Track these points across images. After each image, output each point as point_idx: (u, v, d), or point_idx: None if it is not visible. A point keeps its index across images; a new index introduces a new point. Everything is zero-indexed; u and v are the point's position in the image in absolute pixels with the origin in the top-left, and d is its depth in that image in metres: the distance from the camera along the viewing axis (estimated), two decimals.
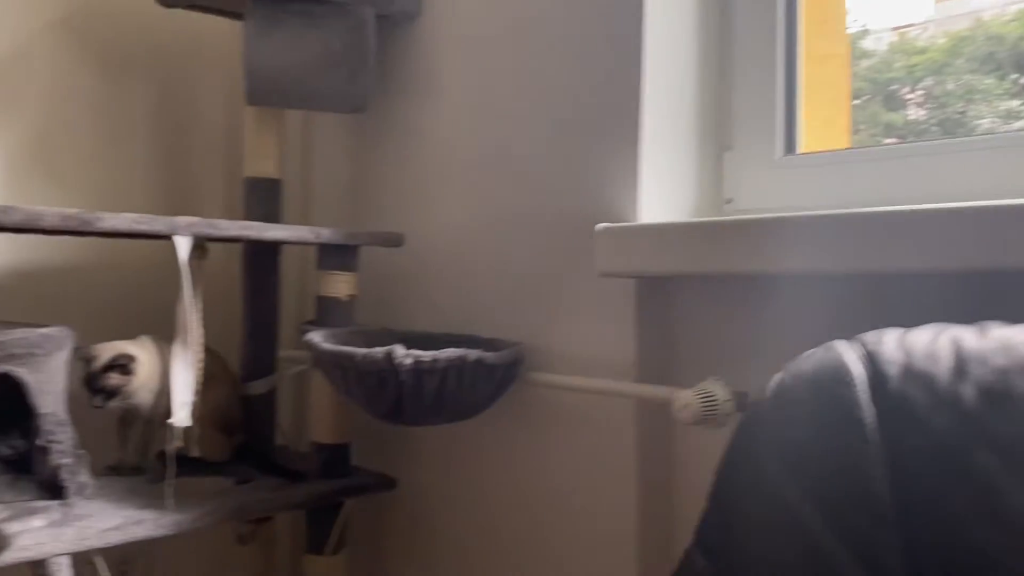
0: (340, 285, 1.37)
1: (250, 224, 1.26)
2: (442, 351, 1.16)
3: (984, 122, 1.18)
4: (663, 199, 1.19)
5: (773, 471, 0.69)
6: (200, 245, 1.23)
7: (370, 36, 1.42)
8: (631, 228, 1.10)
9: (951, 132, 1.21)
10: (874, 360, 0.69)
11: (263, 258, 1.49)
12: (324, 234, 1.32)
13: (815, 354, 0.75)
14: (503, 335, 1.30)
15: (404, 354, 1.14)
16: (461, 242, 1.41)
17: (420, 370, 1.15)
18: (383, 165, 1.57)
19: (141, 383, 1.26)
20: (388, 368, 1.15)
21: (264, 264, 1.49)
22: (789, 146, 1.20)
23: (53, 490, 1.12)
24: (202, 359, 1.22)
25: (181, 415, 1.16)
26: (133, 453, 1.35)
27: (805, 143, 1.20)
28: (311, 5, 1.40)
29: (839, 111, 1.28)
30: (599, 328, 1.20)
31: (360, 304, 1.42)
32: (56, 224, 1.05)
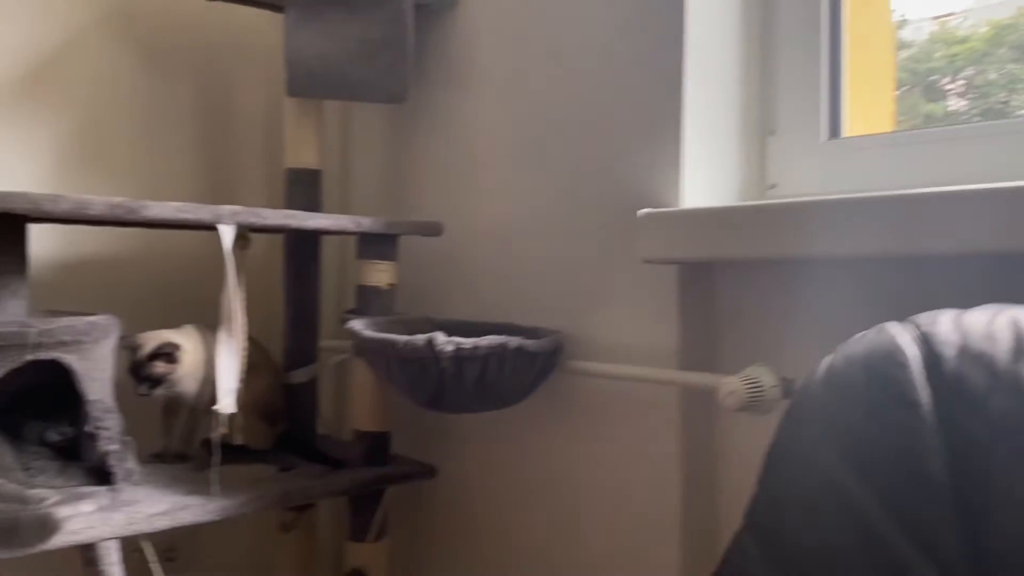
0: (380, 274, 1.38)
1: (292, 213, 1.27)
2: (483, 338, 1.16)
3: None
4: (706, 185, 1.17)
5: (825, 454, 0.68)
6: (243, 235, 1.24)
7: (409, 26, 1.42)
8: (674, 213, 1.09)
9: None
10: (929, 341, 0.68)
11: (304, 248, 1.50)
12: (364, 223, 1.33)
13: (866, 336, 0.73)
14: (543, 323, 1.30)
15: (445, 341, 1.14)
16: (500, 230, 1.41)
17: (461, 357, 1.15)
18: (422, 154, 1.57)
19: (186, 371, 1.27)
20: (429, 355, 1.15)
21: (305, 254, 1.50)
22: (834, 130, 1.18)
23: (101, 476, 1.14)
24: (246, 348, 1.23)
25: (226, 402, 1.17)
26: (178, 441, 1.36)
27: (849, 128, 1.18)
28: None
29: (883, 96, 1.26)
30: (641, 315, 1.19)
31: (400, 293, 1.42)
32: (103, 212, 1.07)
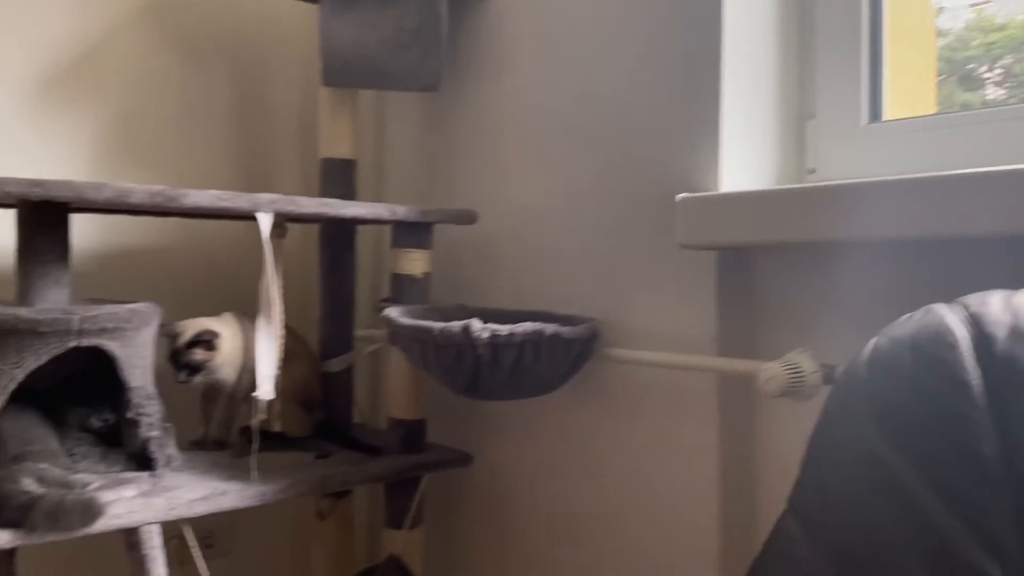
0: (415, 263, 1.38)
1: (328, 201, 1.27)
2: (518, 325, 1.15)
3: None
4: (744, 171, 1.16)
5: (872, 436, 0.67)
6: (280, 224, 1.24)
7: (443, 14, 1.42)
8: (713, 197, 1.08)
9: None
10: (978, 322, 0.67)
11: (340, 237, 1.50)
12: (399, 211, 1.33)
13: (913, 318, 0.72)
14: (579, 311, 1.29)
15: (481, 328, 1.14)
16: (536, 218, 1.41)
17: (497, 344, 1.15)
18: (455, 143, 1.57)
19: (224, 359, 1.29)
20: (465, 342, 1.15)
21: (341, 244, 1.51)
22: (874, 113, 1.16)
23: (142, 462, 1.15)
24: (283, 336, 1.24)
25: (265, 388, 1.18)
26: (216, 428, 1.38)
27: (890, 113, 1.16)
28: None
29: (924, 81, 1.23)
30: (678, 302, 1.18)
31: (434, 282, 1.42)
32: (143, 200, 1.08)
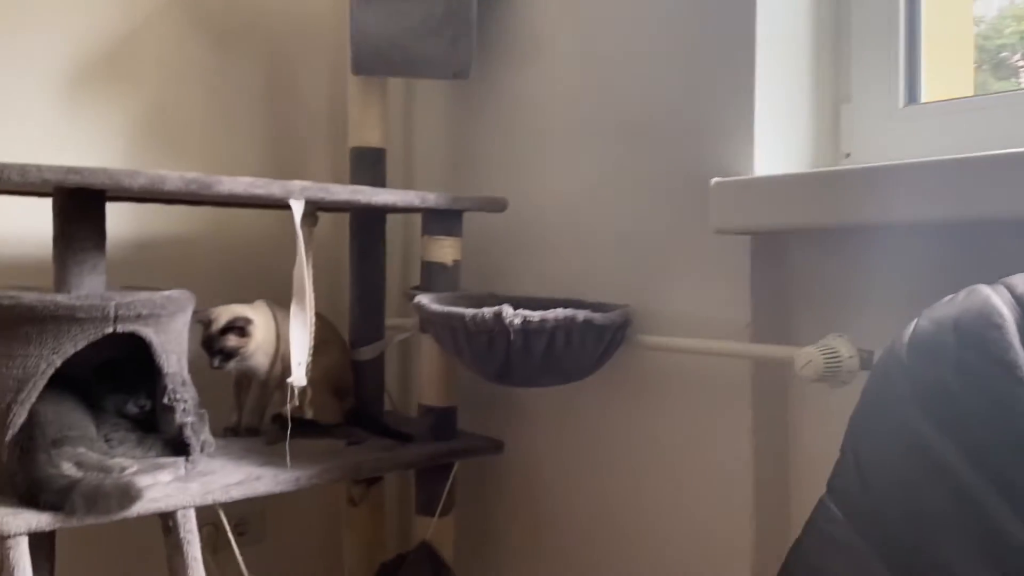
0: (445, 250, 1.38)
1: (359, 188, 1.28)
2: (550, 311, 1.15)
3: None
4: (778, 155, 1.15)
5: (914, 418, 0.66)
6: (311, 213, 1.25)
7: (472, 2, 1.42)
8: (748, 181, 1.07)
9: None
10: None
11: (370, 226, 1.51)
12: (430, 199, 1.33)
13: (955, 299, 0.71)
14: (610, 298, 1.29)
15: (513, 314, 1.14)
16: (566, 205, 1.40)
17: (528, 330, 1.14)
18: (485, 131, 1.57)
19: (257, 345, 1.30)
20: (497, 328, 1.15)
21: (371, 232, 1.51)
22: (911, 95, 1.14)
23: (178, 447, 1.17)
24: (315, 324, 1.24)
25: (298, 374, 1.18)
26: (249, 416, 1.39)
27: (928, 93, 1.14)
28: None
29: (962, 64, 1.21)
30: (712, 287, 1.17)
31: (464, 270, 1.42)
32: (178, 187, 1.09)
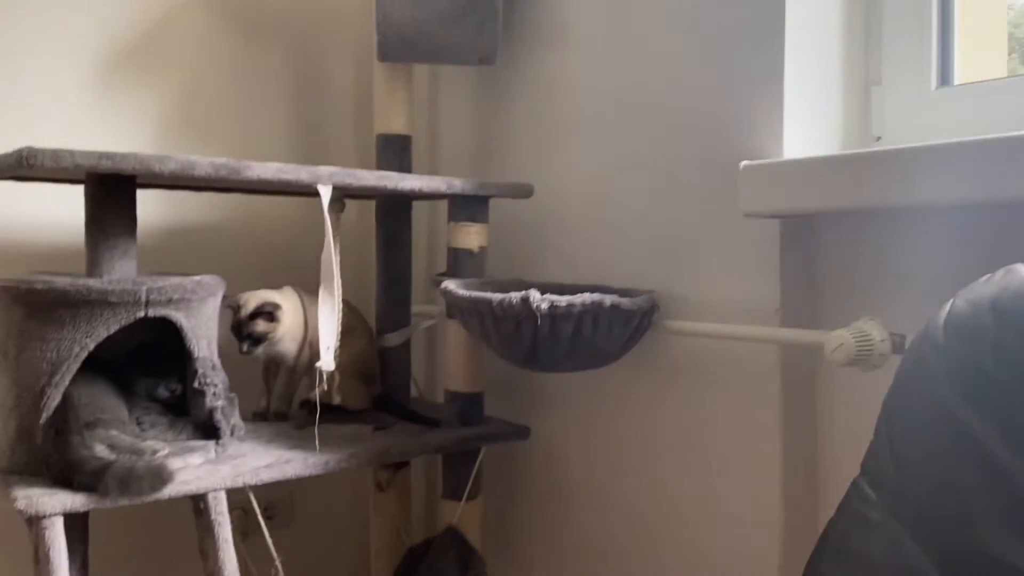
0: (471, 237, 1.38)
1: (386, 174, 1.28)
2: (577, 296, 1.15)
3: None
4: (808, 138, 1.14)
5: (950, 398, 0.65)
6: (338, 200, 1.25)
7: None
8: (777, 164, 1.06)
9: None
10: None
11: (396, 213, 1.51)
12: (456, 184, 1.33)
13: (993, 279, 0.70)
14: (637, 284, 1.28)
15: (540, 298, 1.14)
16: (592, 191, 1.40)
17: (555, 315, 1.14)
18: (511, 117, 1.57)
19: (285, 331, 1.31)
20: (524, 313, 1.15)
21: (397, 219, 1.51)
22: (944, 77, 1.12)
23: (208, 431, 1.18)
24: (342, 310, 1.25)
25: (327, 359, 1.19)
26: (277, 401, 1.40)
27: (960, 75, 1.13)
28: None
29: (995, 46, 1.20)
30: (740, 272, 1.17)
31: (490, 256, 1.42)
32: (208, 172, 1.09)
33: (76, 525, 1.10)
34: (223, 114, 1.60)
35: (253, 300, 1.28)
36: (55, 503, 0.98)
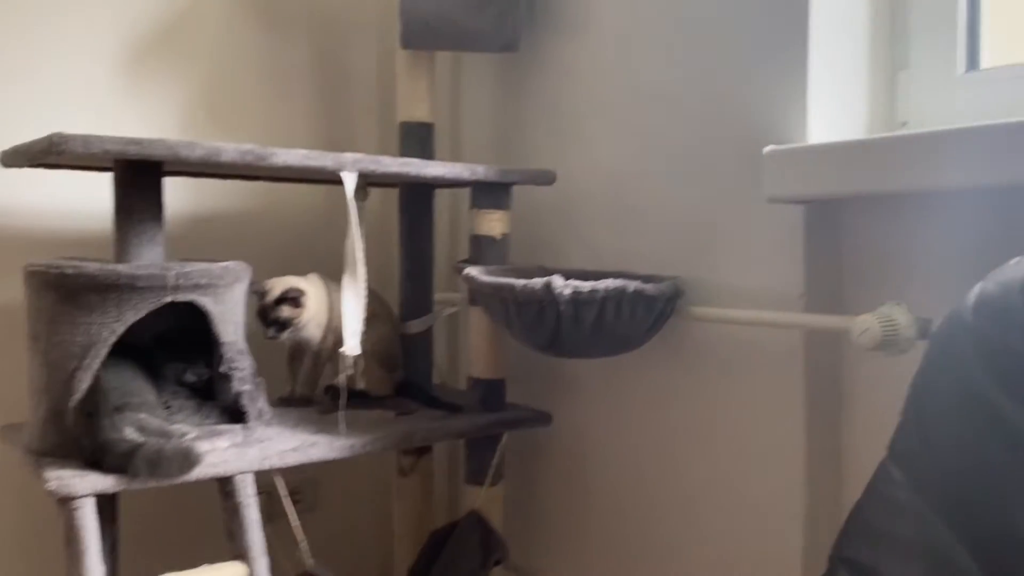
0: (494, 223, 1.39)
1: (409, 161, 1.28)
2: (600, 281, 1.15)
3: None
4: (832, 124, 1.13)
5: (980, 380, 0.65)
6: (361, 187, 1.26)
7: None
8: (802, 149, 1.05)
9: None
10: None
11: (419, 200, 1.52)
12: (479, 171, 1.33)
13: (1023, 261, 0.70)
14: (660, 271, 1.28)
15: (563, 284, 1.14)
16: (615, 177, 1.40)
17: (578, 301, 1.15)
18: (533, 104, 1.57)
19: (310, 316, 1.32)
20: (547, 298, 1.15)
21: (420, 206, 1.52)
22: (972, 61, 1.11)
23: (235, 415, 1.19)
24: (366, 297, 1.26)
25: (351, 344, 1.20)
26: (303, 386, 1.41)
27: (988, 59, 1.12)
28: None
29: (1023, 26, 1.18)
30: (764, 257, 1.17)
31: (512, 243, 1.42)
32: (234, 159, 1.10)
33: (106, 506, 1.11)
34: (246, 103, 1.61)
35: (279, 286, 1.29)
36: (86, 484, 0.99)
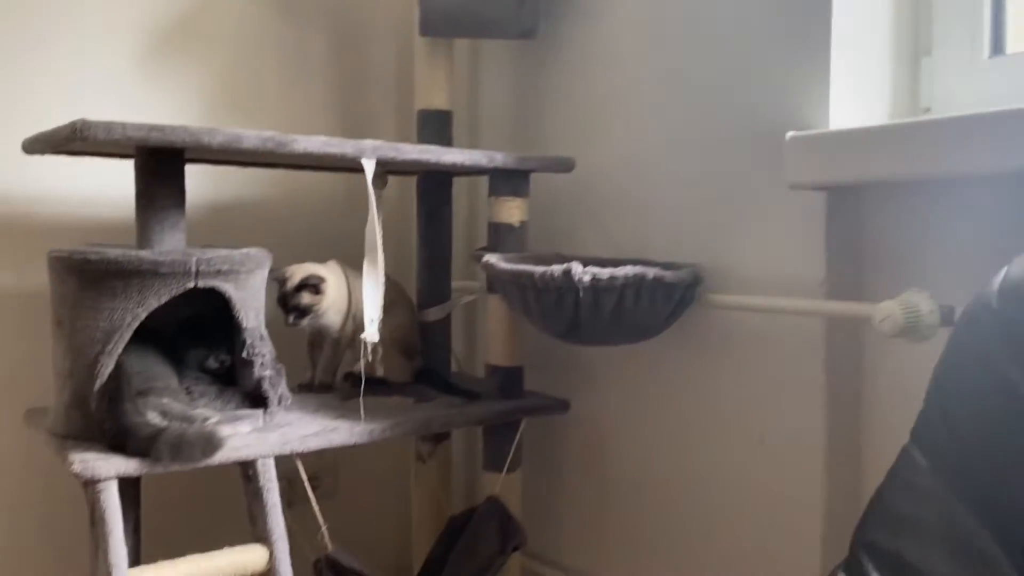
0: (512, 211, 1.39)
1: (428, 148, 1.29)
2: (620, 268, 1.15)
3: None
4: (855, 110, 1.12)
5: (1005, 365, 0.65)
6: (380, 175, 1.26)
7: None
8: (824, 135, 1.05)
9: None
10: None
11: (437, 189, 1.52)
12: (498, 158, 1.33)
13: None
14: (679, 258, 1.28)
15: (582, 271, 1.14)
16: (634, 164, 1.39)
17: (598, 287, 1.14)
18: (551, 91, 1.57)
19: (330, 303, 1.32)
20: (566, 285, 1.15)
21: (438, 195, 1.52)
22: (997, 46, 1.10)
23: (256, 400, 1.20)
24: (385, 283, 1.26)
25: (371, 330, 1.20)
26: (322, 373, 1.42)
27: (1014, 44, 1.10)
28: None
29: None
30: (784, 245, 1.16)
31: (530, 231, 1.42)
32: (255, 145, 1.11)
33: (129, 489, 1.12)
34: (265, 92, 1.61)
35: (299, 273, 1.30)
36: (109, 467, 1.00)
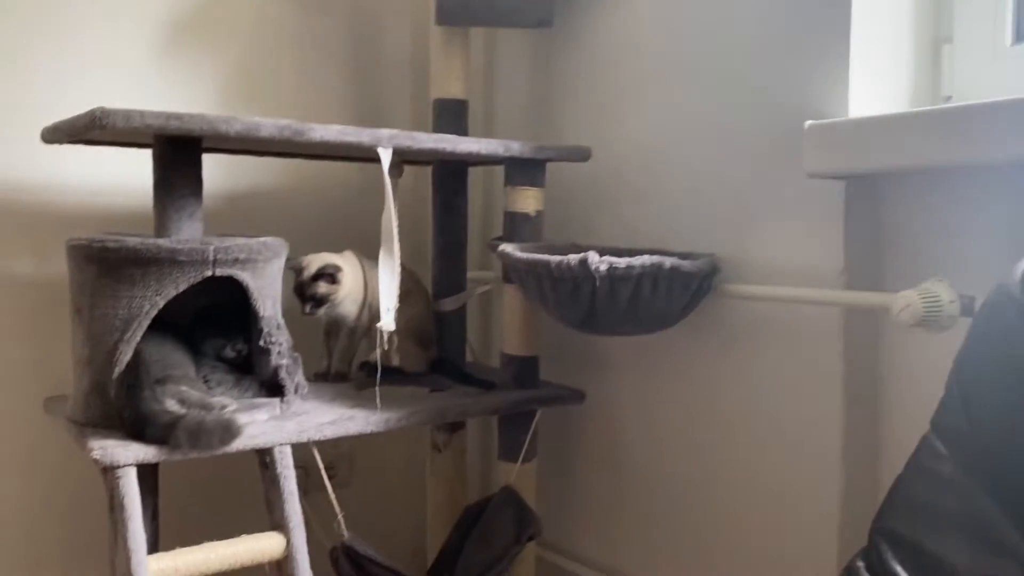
0: (528, 200, 1.38)
1: (444, 137, 1.29)
2: (636, 257, 1.14)
3: None
4: (874, 99, 1.11)
5: None
6: (396, 165, 1.26)
7: None
8: (843, 123, 1.04)
9: None
10: None
11: (452, 178, 1.52)
12: (514, 147, 1.33)
13: None
14: (696, 248, 1.27)
15: (599, 260, 1.14)
16: (651, 154, 1.39)
17: (614, 277, 1.14)
18: (567, 80, 1.56)
19: (346, 292, 1.33)
20: (583, 274, 1.15)
21: (453, 184, 1.52)
22: (1019, 33, 1.09)
23: (273, 388, 1.21)
24: (400, 275, 1.26)
25: (387, 319, 1.21)
26: (338, 362, 1.43)
27: None
28: None
29: None
30: (803, 234, 1.15)
31: (546, 220, 1.42)
32: (272, 134, 1.11)
33: (147, 476, 1.13)
34: (281, 81, 1.62)
35: (315, 262, 1.31)
36: (128, 454, 1.01)
